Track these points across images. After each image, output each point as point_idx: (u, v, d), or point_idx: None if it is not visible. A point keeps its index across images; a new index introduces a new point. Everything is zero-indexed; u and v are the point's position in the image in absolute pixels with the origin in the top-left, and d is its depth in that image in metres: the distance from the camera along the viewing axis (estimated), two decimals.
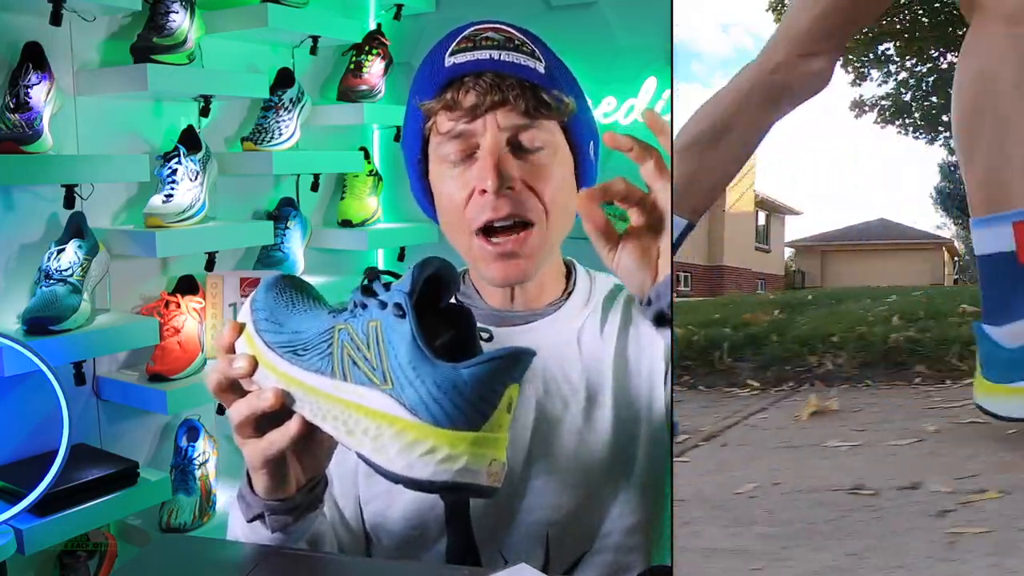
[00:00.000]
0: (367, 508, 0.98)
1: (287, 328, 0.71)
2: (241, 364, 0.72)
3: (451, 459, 0.62)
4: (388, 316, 0.65)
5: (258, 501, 0.79)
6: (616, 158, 0.95)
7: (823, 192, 1.27)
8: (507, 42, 0.91)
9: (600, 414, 0.96)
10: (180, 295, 1.89)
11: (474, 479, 0.63)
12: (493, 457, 0.64)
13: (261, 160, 2.04)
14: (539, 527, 0.94)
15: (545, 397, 0.95)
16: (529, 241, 0.92)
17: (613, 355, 0.97)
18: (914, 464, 1.04)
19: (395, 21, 2.42)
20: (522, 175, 0.90)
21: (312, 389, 0.68)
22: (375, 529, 0.98)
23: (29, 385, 1.64)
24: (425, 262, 0.68)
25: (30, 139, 1.56)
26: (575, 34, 2.26)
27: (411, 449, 0.63)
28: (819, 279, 3.60)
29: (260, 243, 2.09)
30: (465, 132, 0.90)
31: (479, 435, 0.62)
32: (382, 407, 0.64)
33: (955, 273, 3.85)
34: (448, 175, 0.93)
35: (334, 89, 2.32)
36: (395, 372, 0.64)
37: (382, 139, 2.57)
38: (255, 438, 0.73)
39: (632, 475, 0.95)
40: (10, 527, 1.49)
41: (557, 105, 0.91)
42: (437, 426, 0.62)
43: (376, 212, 2.42)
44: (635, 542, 0.95)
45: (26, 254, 1.71)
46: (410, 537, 0.96)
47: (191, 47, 1.83)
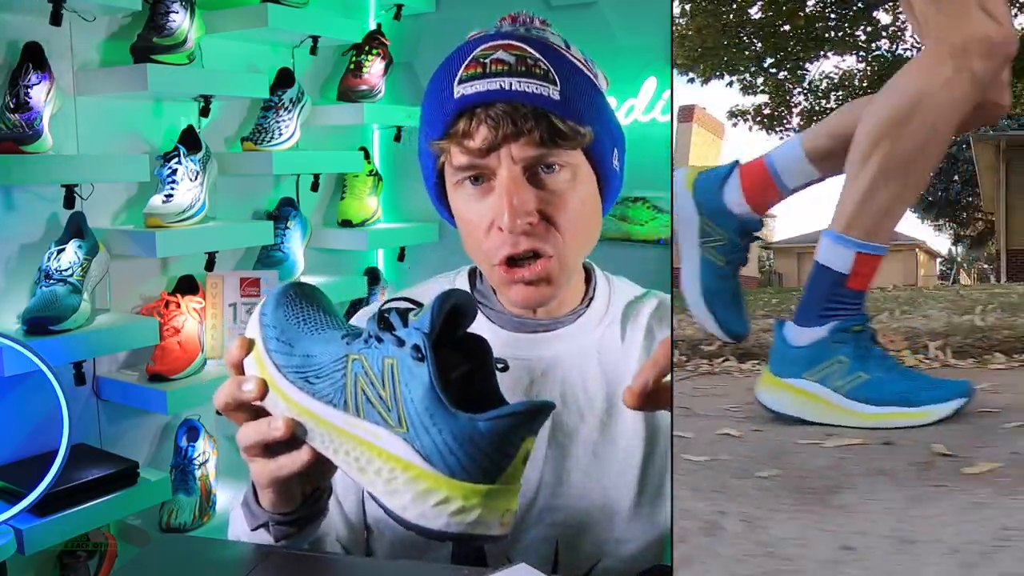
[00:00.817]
0: (370, 503, 0.98)
1: (298, 350, 0.70)
2: (251, 388, 0.71)
3: (465, 511, 0.61)
4: (405, 356, 0.64)
5: (263, 512, 0.79)
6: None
7: (801, 195, 1.30)
8: (519, 64, 0.86)
9: (618, 426, 0.94)
10: (180, 295, 1.89)
11: (487, 530, 0.62)
12: (506, 508, 0.63)
13: (261, 160, 2.04)
14: (550, 534, 0.93)
15: (562, 407, 0.94)
16: (548, 268, 0.89)
17: (633, 368, 0.95)
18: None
19: (395, 21, 2.42)
20: (540, 205, 0.87)
21: (324, 421, 0.67)
22: (377, 524, 0.98)
23: (29, 385, 1.64)
24: (444, 297, 0.65)
25: (30, 139, 1.57)
26: (575, 34, 2.25)
27: (424, 498, 0.62)
28: (796, 280, 3.62)
29: (260, 243, 2.09)
30: (480, 165, 0.87)
31: (494, 488, 0.61)
32: (396, 451, 0.63)
33: (939, 276, 3.88)
34: (466, 203, 0.90)
35: (334, 89, 2.32)
36: (411, 416, 0.62)
37: (382, 139, 2.57)
38: (263, 459, 0.73)
39: (648, 488, 0.94)
40: (10, 527, 1.49)
41: (574, 135, 0.87)
42: (452, 477, 0.61)
43: (376, 212, 2.42)
44: (651, 556, 0.94)
45: (26, 254, 1.71)
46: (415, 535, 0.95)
47: (191, 47, 1.83)
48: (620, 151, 0.96)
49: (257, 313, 0.74)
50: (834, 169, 1.20)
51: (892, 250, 1.11)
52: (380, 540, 0.98)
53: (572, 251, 0.91)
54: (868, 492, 0.85)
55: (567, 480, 0.93)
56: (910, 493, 0.83)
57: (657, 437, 0.95)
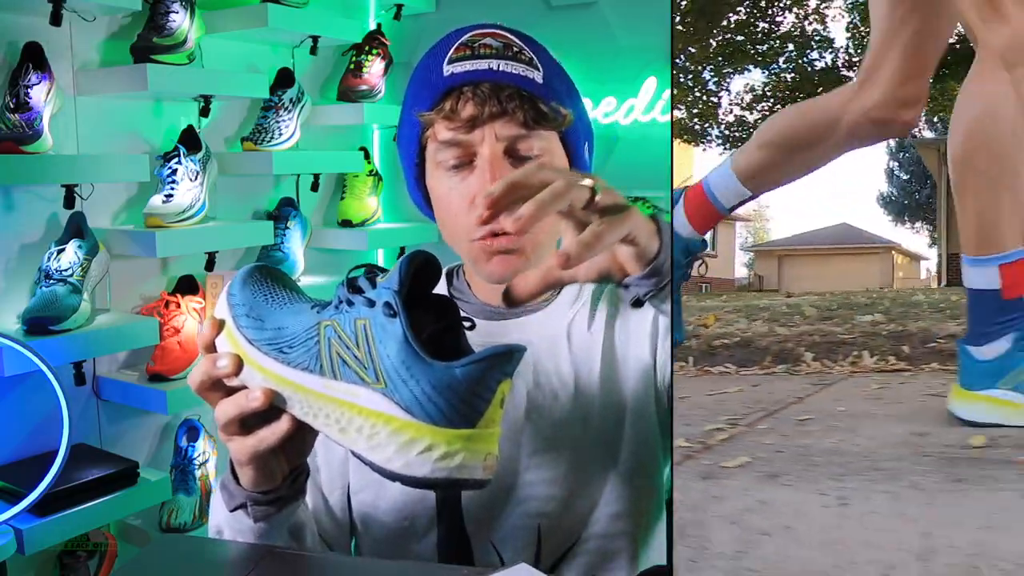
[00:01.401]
0: (356, 498, 0.99)
1: (269, 324, 0.71)
2: (225, 363, 0.71)
3: (448, 456, 0.63)
4: (377, 314, 0.65)
5: (241, 491, 0.79)
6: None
7: (780, 199, 1.34)
8: (505, 50, 0.91)
9: (589, 406, 0.97)
10: (180, 295, 1.89)
11: (471, 474, 0.64)
12: (488, 451, 0.64)
13: (261, 160, 2.04)
14: (531, 518, 0.95)
15: (536, 390, 0.97)
16: (523, 240, 0.93)
17: (601, 347, 0.98)
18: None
19: (395, 21, 2.42)
20: None
21: (301, 387, 0.68)
22: (363, 519, 0.99)
23: (29, 385, 1.64)
24: (411, 257, 0.68)
25: (30, 139, 1.56)
26: (575, 34, 2.26)
27: (408, 448, 0.63)
28: (776, 283, 3.65)
29: (260, 243, 2.09)
30: (463, 141, 0.91)
31: (474, 431, 0.63)
32: (376, 406, 0.65)
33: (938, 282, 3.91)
34: (446, 181, 0.94)
35: (334, 89, 2.32)
36: (387, 371, 0.64)
37: (382, 139, 2.57)
38: (241, 435, 0.73)
39: (619, 463, 0.97)
40: (10, 527, 1.49)
41: (555, 116, 0.92)
42: (433, 424, 0.63)
43: (376, 212, 2.42)
44: (621, 528, 0.96)
45: (26, 254, 1.71)
46: (400, 528, 0.96)
47: (191, 47, 1.83)
48: (591, 145, 1.01)
49: (224, 294, 0.75)
50: (764, 185, 1.26)
51: (869, 253, 1.16)
52: (366, 537, 1.00)
53: (544, 229, 0.94)
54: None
55: (544, 461, 0.95)
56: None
57: (625, 415, 0.97)
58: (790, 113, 1.26)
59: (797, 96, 0.97)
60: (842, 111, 1.20)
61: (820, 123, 1.20)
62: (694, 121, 2.84)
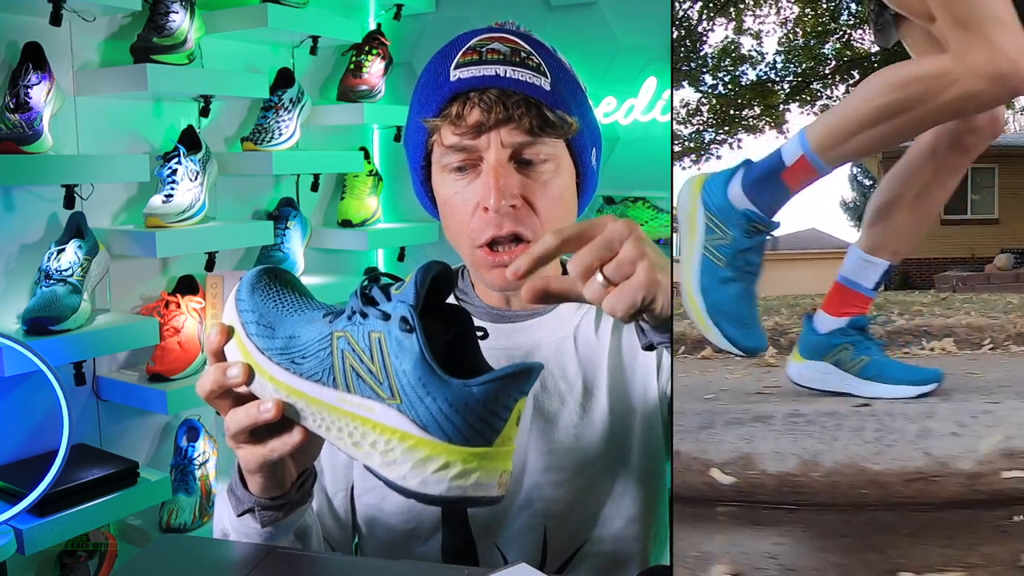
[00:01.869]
0: (360, 500, 0.99)
1: (280, 333, 0.70)
2: (236, 372, 0.70)
3: (465, 475, 0.62)
4: (392, 328, 0.64)
5: (249, 497, 0.79)
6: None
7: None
8: (513, 55, 0.90)
9: (596, 409, 0.97)
10: (180, 295, 1.89)
11: (485, 492, 0.63)
12: (503, 469, 0.64)
13: (261, 160, 2.04)
14: (537, 521, 0.95)
15: (543, 393, 0.97)
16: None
17: (608, 351, 0.98)
18: None
19: (395, 21, 2.43)
20: (523, 191, 0.91)
21: (314, 400, 0.67)
22: (368, 522, 0.99)
23: (29, 385, 1.64)
24: (425, 269, 0.67)
25: (30, 139, 1.57)
26: (575, 34, 2.26)
27: (424, 465, 0.62)
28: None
29: (260, 243, 2.09)
30: (469, 147, 0.91)
31: (491, 450, 0.62)
32: (391, 422, 0.64)
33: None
34: (452, 185, 0.94)
35: (334, 89, 2.33)
36: (403, 388, 0.63)
37: (382, 139, 2.57)
38: (251, 444, 0.73)
39: (628, 467, 0.97)
40: (10, 527, 1.49)
41: (561, 124, 0.91)
42: (450, 443, 0.62)
43: (376, 212, 2.42)
44: (632, 532, 0.96)
45: (26, 254, 1.71)
46: (405, 530, 0.96)
47: (191, 47, 1.83)
48: (598, 150, 1.00)
49: (233, 299, 0.73)
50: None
51: (827, 257, 1.16)
52: (369, 539, 1.00)
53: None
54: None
55: (551, 464, 0.95)
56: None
57: (633, 418, 0.97)
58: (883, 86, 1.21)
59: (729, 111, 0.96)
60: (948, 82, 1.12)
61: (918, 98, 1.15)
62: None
